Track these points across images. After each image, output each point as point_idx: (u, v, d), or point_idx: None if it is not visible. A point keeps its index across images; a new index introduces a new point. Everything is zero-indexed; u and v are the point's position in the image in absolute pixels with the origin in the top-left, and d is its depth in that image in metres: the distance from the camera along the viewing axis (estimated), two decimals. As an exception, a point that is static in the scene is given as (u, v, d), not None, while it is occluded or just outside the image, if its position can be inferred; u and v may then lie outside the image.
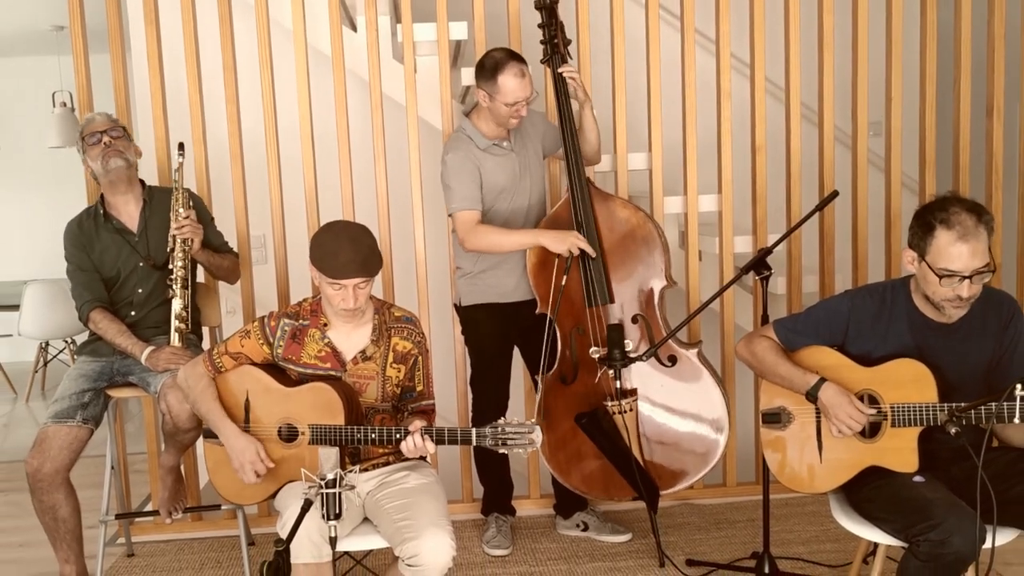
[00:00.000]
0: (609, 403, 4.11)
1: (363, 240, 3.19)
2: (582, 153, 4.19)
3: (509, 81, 3.99)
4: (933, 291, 2.98)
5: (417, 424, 3.11)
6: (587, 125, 4.27)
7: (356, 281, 3.15)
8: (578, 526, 4.55)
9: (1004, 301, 3.12)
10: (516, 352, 4.48)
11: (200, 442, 3.73)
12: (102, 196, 4.08)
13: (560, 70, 4.17)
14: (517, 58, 4.04)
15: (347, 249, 3.14)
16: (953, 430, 2.87)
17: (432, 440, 3.08)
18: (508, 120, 4.10)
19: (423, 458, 3.24)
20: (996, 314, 3.09)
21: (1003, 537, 2.99)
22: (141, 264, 4.04)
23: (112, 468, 4.26)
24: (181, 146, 4.16)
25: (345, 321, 3.30)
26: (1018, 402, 2.72)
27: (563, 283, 4.06)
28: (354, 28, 5.16)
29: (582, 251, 4.03)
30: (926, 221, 2.97)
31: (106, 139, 3.96)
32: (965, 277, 2.90)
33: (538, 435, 2.98)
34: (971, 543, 2.79)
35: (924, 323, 3.10)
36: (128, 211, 4.07)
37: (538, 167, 4.34)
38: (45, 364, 8.87)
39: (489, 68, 4.04)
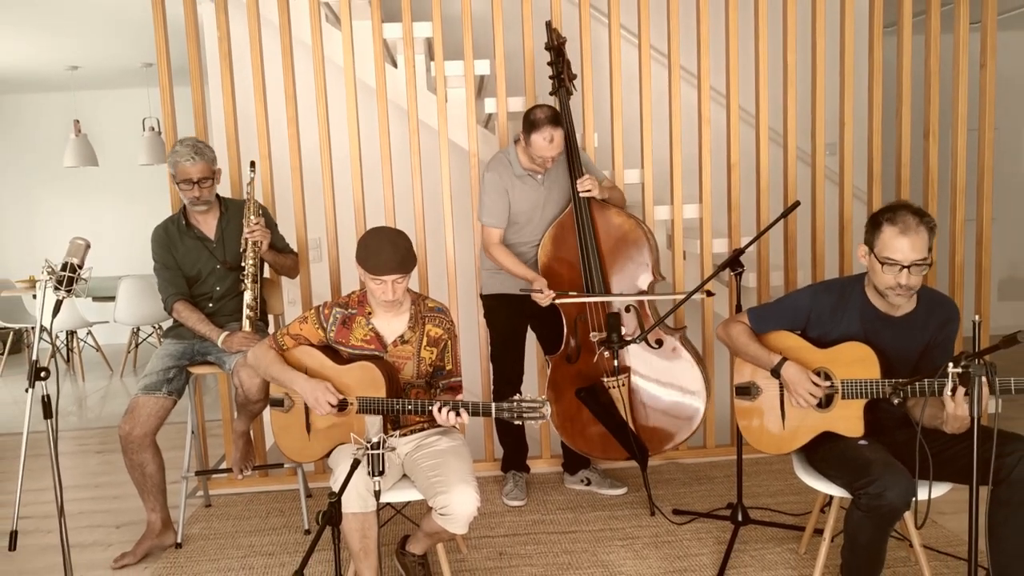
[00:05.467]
0: (607, 379, 4.12)
1: (400, 242, 3.18)
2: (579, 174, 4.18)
3: (539, 141, 3.95)
4: (879, 280, 2.98)
5: (448, 401, 3.10)
6: (614, 197, 4.24)
7: (394, 277, 3.15)
8: (582, 481, 4.56)
9: (947, 307, 3.11)
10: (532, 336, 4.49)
11: (267, 411, 3.75)
12: (184, 207, 4.09)
13: (577, 189, 4.10)
14: (554, 123, 3.95)
15: (386, 250, 3.14)
16: (896, 400, 2.89)
17: (457, 414, 3.08)
18: (539, 164, 4.09)
19: (454, 426, 3.23)
20: (938, 315, 3.08)
21: (938, 490, 2.99)
22: (218, 266, 4.05)
23: (192, 433, 4.28)
24: (252, 164, 4.16)
25: (386, 311, 3.30)
26: (949, 379, 2.72)
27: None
28: (395, 64, 5.17)
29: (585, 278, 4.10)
30: (876, 220, 2.98)
31: (197, 192, 3.90)
32: (904, 267, 2.90)
33: (547, 409, 2.97)
34: (903, 497, 2.79)
35: (874, 313, 3.09)
36: (207, 222, 4.07)
37: (563, 203, 4.24)
38: (136, 346, 8.92)
39: (528, 123, 3.98)
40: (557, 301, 4.04)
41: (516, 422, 3.00)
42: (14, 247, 10.24)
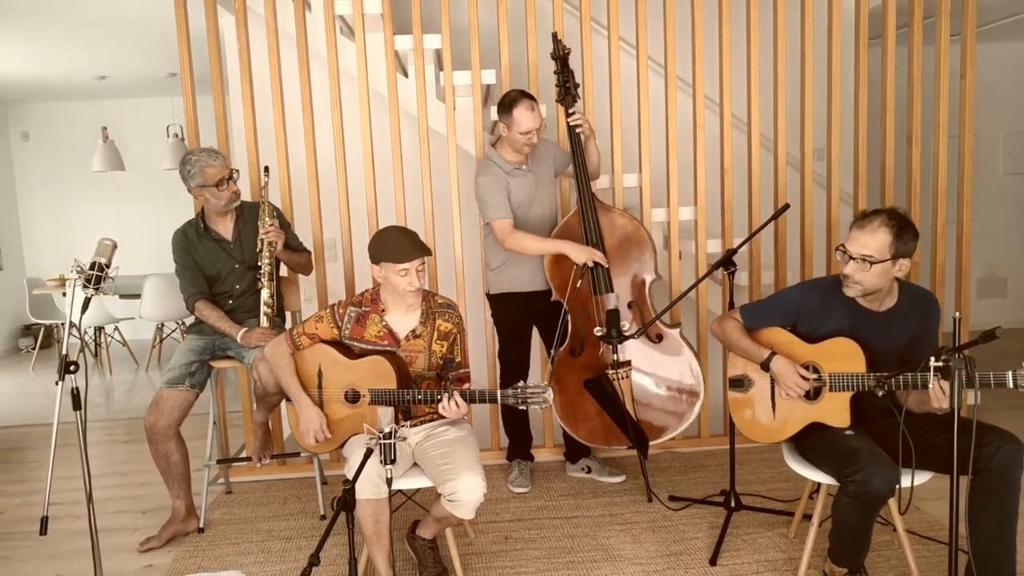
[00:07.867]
0: (610, 371, 4.11)
1: (411, 233, 3.23)
2: (587, 172, 4.20)
3: (522, 114, 3.99)
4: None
5: (452, 392, 3.12)
6: (590, 150, 4.26)
7: (417, 263, 3.16)
8: (583, 469, 4.56)
9: (927, 299, 3.11)
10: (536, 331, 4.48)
11: (284, 404, 3.75)
12: (203, 211, 4.09)
13: (568, 120, 4.16)
14: (528, 96, 4.03)
15: (404, 240, 3.16)
16: (880, 392, 2.89)
17: (466, 401, 3.09)
18: (523, 147, 4.09)
19: (464, 416, 3.23)
20: (919, 308, 3.08)
21: (920, 478, 2.98)
22: (236, 266, 4.05)
23: (214, 423, 4.29)
24: (267, 169, 4.17)
25: (405, 305, 3.30)
26: (931, 372, 2.72)
27: (578, 285, 4.06)
28: (406, 75, 5.17)
29: (597, 262, 4.05)
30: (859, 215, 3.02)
31: (233, 187, 3.94)
32: (849, 256, 2.94)
33: (550, 395, 2.97)
34: (888, 484, 2.79)
35: (860, 310, 3.08)
36: (224, 224, 4.07)
37: (550, 183, 4.31)
38: (161, 341, 8.92)
39: (506, 104, 4.03)
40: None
41: (521, 407, 3.01)
42: (45, 247, 10.25)
